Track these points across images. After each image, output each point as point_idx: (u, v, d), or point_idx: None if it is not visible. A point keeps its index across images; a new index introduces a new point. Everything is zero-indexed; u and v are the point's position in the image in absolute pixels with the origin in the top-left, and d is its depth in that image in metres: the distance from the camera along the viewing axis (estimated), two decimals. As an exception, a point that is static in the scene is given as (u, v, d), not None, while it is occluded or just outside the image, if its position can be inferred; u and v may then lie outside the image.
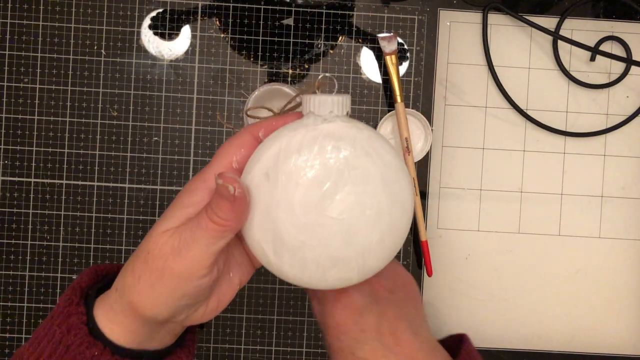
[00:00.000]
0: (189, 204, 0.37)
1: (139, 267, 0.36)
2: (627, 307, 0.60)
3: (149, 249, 0.36)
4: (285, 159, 0.34)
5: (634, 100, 0.60)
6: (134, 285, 0.36)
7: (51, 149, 0.58)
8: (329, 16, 0.58)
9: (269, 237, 0.35)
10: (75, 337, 0.36)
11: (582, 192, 0.60)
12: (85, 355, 0.36)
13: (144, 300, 0.36)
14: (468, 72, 0.59)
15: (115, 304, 0.37)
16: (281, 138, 0.35)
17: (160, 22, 0.58)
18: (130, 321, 0.37)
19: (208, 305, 0.38)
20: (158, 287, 0.35)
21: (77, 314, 0.37)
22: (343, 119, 0.36)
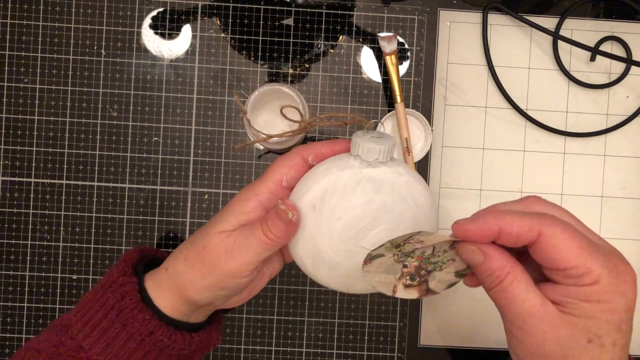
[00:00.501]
0: (242, 212, 0.42)
1: (193, 257, 0.42)
2: (627, 307, 0.60)
3: (204, 245, 0.42)
4: (331, 196, 0.39)
5: (634, 100, 0.60)
6: (185, 272, 0.42)
7: (51, 149, 0.58)
8: (329, 16, 0.58)
9: (310, 254, 0.41)
10: (129, 301, 0.42)
11: (582, 192, 0.60)
12: (137, 318, 0.42)
13: (192, 286, 0.42)
14: (468, 72, 0.59)
15: (165, 282, 0.44)
16: (329, 175, 0.40)
17: (160, 22, 0.58)
18: (175, 299, 0.43)
19: (241, 295, 0.45)
20: (207, 279, 0.42)
21: (131, 283, 0.43)
22: (387, 164, 0.40)
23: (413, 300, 0.59)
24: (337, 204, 0.39)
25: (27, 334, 0.58)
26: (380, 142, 0.39)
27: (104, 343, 0.42)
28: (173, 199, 0.58)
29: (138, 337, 0.42)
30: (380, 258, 0.38)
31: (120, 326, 0.42)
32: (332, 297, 0.59)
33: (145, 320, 0.42)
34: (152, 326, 0.42)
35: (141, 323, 0.42)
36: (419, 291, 0.40)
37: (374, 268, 0.39)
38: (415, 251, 0.38)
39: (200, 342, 0.45)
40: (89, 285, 0.58)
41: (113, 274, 0.44)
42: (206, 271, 0.42)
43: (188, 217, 0.58)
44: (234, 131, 0.58)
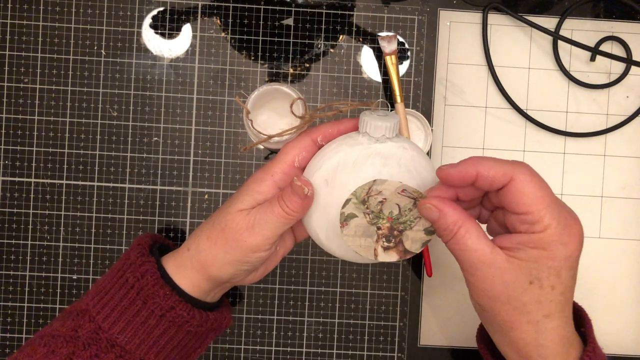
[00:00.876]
0: (258, 192, 0.44)
1: (216, 235, 0.44)
2: (627, 307, 0.60)
3: (226, 222, 0.44)
4: (342, 171, 0.42)
5: (634, 100, 0.60)
6: (209, 248, 0.45)
7: (51, 149, 0.58)
8: (329, 16, 0.58)
9: (323, 227, 0.44)
10: (150, 278, 0.44)
11: (582, 192, 0.60)
12: (158, 294, 0.44)
13: (215, 261, 0.44)
14: (468, 72, 0.59)
15: (187, 261, 0.46)
16: (340, 152, 0.43)
17: (160, 22, 0.58)
18: (197, 277, 0.45)
19: (257, 272, 0.48)
20: (231, 254, 0.44)
21: (150, 262, 0.45)
22: (393, 140, 0.43)
23: (411, 296, 0.59)
24: (348, 177, 0.42)
25: (27, 334, 0.58)
26: (386, 120, 0.42)
27: (124, 321, 0.44)
28: (173, 199, 0.58)
29: (159, 312, 0.44)
30: (355, 219, 0.42)
31: (140, 303, 0.44)
32: (332, 297, 0.59)
33: (166, 295, 0.44)
34: (172, 301, 0.44)
35: (162, 298, 0.44)
36: (397, 253, 0.44)
37: (352, 231, 0.43)
38: (384, 210, 0.42)
39: (215, 321, 0.47)
40: (89, 285, 0.58)
41: (130, 257, 0.46)
42: (229, 247, 0.44)
43: (188, 217, 0.58)
44: (234, 131, 0.58)
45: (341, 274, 0.59)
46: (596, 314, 0.60)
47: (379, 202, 0.42)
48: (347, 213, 0.42)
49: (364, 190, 0.42)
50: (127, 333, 0.44)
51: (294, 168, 0.44)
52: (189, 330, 0.45)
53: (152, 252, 0.48)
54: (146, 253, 0.46)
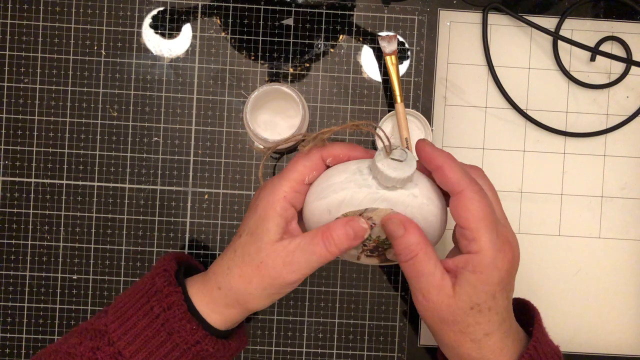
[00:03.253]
0: (279, 216, 0.43)
1: (250, 272, 0.43)
2: (627, 307, 0.60)
3: (261, 260, 0.43)
4: (346, 207, 0.42)
5: (634, 100, 0.60)
6: (245, 288, 0.44)
7: (51, 149, 0.58)
8: (329, 16, 0.58)
9: None
10: (177, 311, 0.43)
11: (582, 192, 0.60)
12: (185, 328, 0.43)
13: (254, 299, 0.44)
14: (468, 72, 0.59)
15: (221, 300, 0.45)
16: (347, 189, 0.42)
17: (160, 22, 0.58)
18: (233, 312, 0.45)
19: None
20: (268, 290, 0.43)
21: (177, 293, 0.44)
22: (405, 186, 0.42)
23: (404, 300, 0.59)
24: (352, 214, 0.42)
25: (27, 334, 0.58)
26: (400, 170, 0.41)
27: (146, 352, 0.43)
28: (173, 199, 0.58)
29: (184, 346, 0.43)
30: None
31: (165, 335, 0.43)
32: (332, 297, 0.59)
33: (193, 330, 0.43)
34: (199, 336, 0.43)
35: (188, 332, 0.43)
36: (379, 259, 0.45)
37: None
38: (372, 234, 0.43)
39: (237, 348, 0.47)
40: (89, 285, 0.58)
41: (156, 283, 0.45)
42: (267, 284, 0.43)
43: (188, 217, 0.58)
44: (234, 131, 0.58)
45: (341, 274, 0.59)
46: (596, 314, 0.60)
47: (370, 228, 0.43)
48: None
49: (355, 213, 0.42)
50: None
51: (304, 186, 0.44)
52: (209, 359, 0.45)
53: (178, 278, 0.46)
54: (173, 282, 0.45)
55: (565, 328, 0.60)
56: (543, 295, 0.60)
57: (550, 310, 0.60)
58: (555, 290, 0.60)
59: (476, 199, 0.41)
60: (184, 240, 0.58)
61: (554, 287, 0.60)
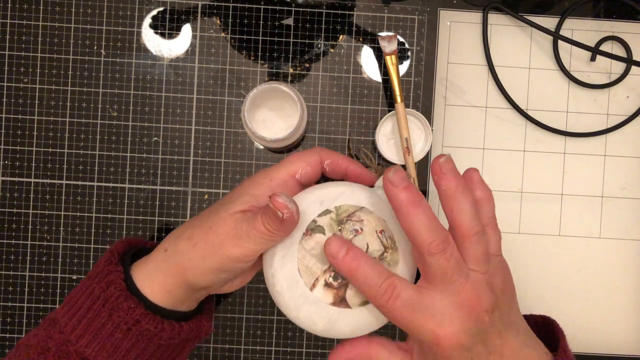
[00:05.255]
0: (252, 195, 0.42)
1: (198, 236, 0.41)
2: (627, 307, 0.60)
3: (211, 224, 0.41)
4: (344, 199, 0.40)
5: (634, 100, 0.60)
6: (187, 251, 0.42)
7: (51, 149, 0.58)
8: (329, 16, 0.58)
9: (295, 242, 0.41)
10: (114, 289, 0.41)
11: (582, 192, 0.60)
12: (122, 306, 0.41)
13: (192, 266, 0.41)
14: (468, 72, 0.59)
15: (162, 263, 0.43)
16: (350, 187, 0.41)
17: (160, 22, 0.58)
18: (171, 282, 0.42)
19: (234, 282, 0.46)
20: (209, 260, 0.41)
21: (116, 272, 0.42)
22: None
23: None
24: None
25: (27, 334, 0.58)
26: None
27: (91, 334, 0.41)
28: (173, 199, 0.58)
29: (124, 326, 0.41)
30: (319, 235, 0.40)
31: (106, 316, 0.41)
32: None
33: (130, 308, 0.41)
34: (137, 315, 0.41)
35: (126, 311, 0.41)
36: (333, 296, 0.40)
37: (310, 246, 0.40)
38: (353, 241, 0.40)
39: (190, 331, 0.44)
40: (89, 285, 0.58)
41: (99, 265, 0.44)
42: (208, 252, 0.41)
43: (188, 217, 0.58)
44: (234, 131, 0.58)
45: (341, 274, 0.59)
46: (596, 314, 0.60)
47: (353, 231, 0.40)
48: (318, 224, 0.40)
49: (348, 210, 0.40)
50: (94, 346, 0.41)
51: (294, 180, 0.43)
52: (160, 343, 0.43)
53: (124, 259, 0.45)
54: (115, 261, 0.43)
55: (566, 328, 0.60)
56: (543, 295, 0.60)
57: (551, 310, 0.60)
58: (555, 290, 0.60)
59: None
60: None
61: (554, 287, 0.60)
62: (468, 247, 0.39)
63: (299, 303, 0.40)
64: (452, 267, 0.38)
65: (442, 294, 0.38)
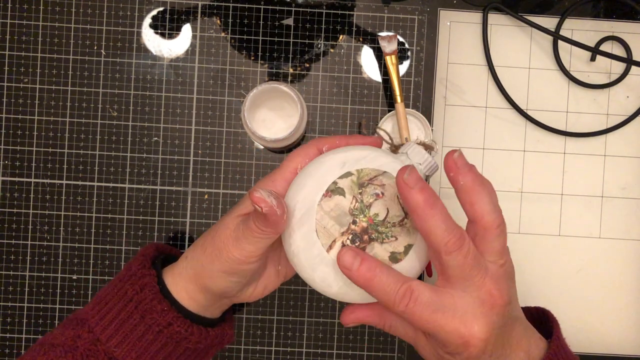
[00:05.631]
0: (249, 203, 0.43)
1: (208, 241, 0.43)
2: (627, 307, 0.60)
3: (217, 229, 0.43)
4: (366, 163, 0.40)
5: (634, 100, 0.60)
6: (200, 257, 0.43)
7: (51, 149, 0.58)
8: (329, 16, 0.58)
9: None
10: (149, 292, 0.43)
11: (582, 192, 0.60)
12: (155, 309, 0.43)
13: (204, 270, 0.43)
14: (468, 72, 0.59)
15: (184, 270, 0.45)
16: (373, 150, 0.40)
17: (160, 22, 0.58)
18: (192, 288, 0.44)
19: (256, 289, 0.46)
20: (216, 263, 0.42)
21: (150, 275, 0.44)
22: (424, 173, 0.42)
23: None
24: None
25: (27, 334, 0.58)
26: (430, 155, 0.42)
27: (121, 335, 0.43)
28: (173, 199, 0.58)
29: (156, 328, 0.43)
30: (339, 198, 0.39)
31: (138, 317, 0.43)
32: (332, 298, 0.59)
33: (164, 311, 0.43)
34: (170, 317, 0.43)
35: (159, 314, 0.43)
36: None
37: (329, 207, 0.39)
38: (372, 208, 0.39)
39: (215, 337, 0.46)
40: (89, 285, 0.58)
41: (132, 268, 0.45)
42: (214, 256, 0.42)
43: (188, 217, 0.58)
44: (234, 131, 0.58)
45: (341, 274, 0.59)
46: (596, 314, 0.60)
47: (374, 195, 0.39)
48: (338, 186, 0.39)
49: (369, 174, 0.39)
50: (124, 347, 0.43)
51: (295, 175, 0.43)
52: (188, 347, 0.44)
53: (155, 264, 0.46)
54: (148, 265, 0.45)
55: (566, 328, 0.60)
56: (543, 295, 0.60)
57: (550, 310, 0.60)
58: (555, 290, 0.60)
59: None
60: (184, 240, 0.58)
61: (554, 287, 0.60)
62: (490, 239, 0.39)
63: (314, 264, 0.40)
64: (470, 263, 0.37)
65: (463, 292, 0.38)
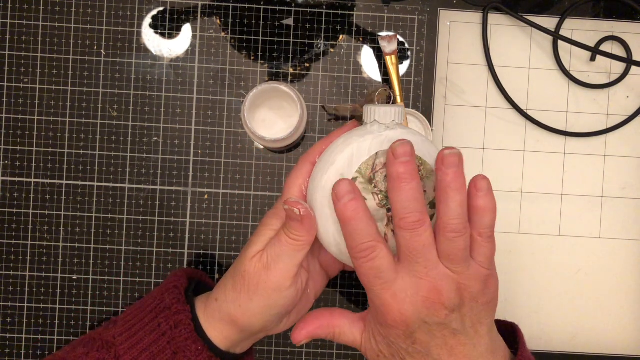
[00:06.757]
0: (269, 229, 0.43)
1: (239, 284, 0.43)
2: (627, 307, 0.60)
3: (244, 269, 0.42)
4: (357, 160, 0.40)
5: (634, 100, 0.60)
6: (235, 299, 0.43)
7: (51, 149, 0.58)
8: (329, 16, 0.58)
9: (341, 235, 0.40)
10: (184, 331, 0.43)
11: (582, 192, 0.60)
12: (190, 348, 0.42)
13: (243, 312, 0.42)
14: (468, 72, 0.59)
15: (216, 313, 0.44)
16: (352, 144, 0.40)
17: (160, 22, 0.58)
18: (227, 329, 0.44)
19: (290, 318, 0.46)
20: (255, 300, 0.42)
21: (185, 312, 0.43)
22: (402, 126, 0.42)
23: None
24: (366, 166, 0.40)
25: (27, 334, 0.58)
26: (394, 106, 0.42)
27: None
28: (173, 199, 0.58)
29: None
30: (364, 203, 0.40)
31: (171, 354, 0.43)
32: (332, 298, 0.59)
33: (198, 350, 0.43)
34: (203, 358, 0.43)
35: (194, 353, 0.42)
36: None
37: None
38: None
39: None
40: (89, 285, 0.58)
41: (165, 299, 0.44)
42: (252, 292, 0.42)
43: (188, 217, 0.58)
44: (234, 131, 0.58)
45: (341, 273, 0.59)
46: (596, 314, 0.60)
47: (385, 177, 0.40)
48: None
49: (368, 167, 0.40)
50: None
51: (303, 197, 0.43)
52: None
53: (188, 295, 0.46)
54: (182, 300, 0.44)
55: (565, 328, 0.60)
56: (543, 295, 0.60)
57: (551, 310, 0.60)
58: (555, 290, 0.60)
59: None
60: (184, 240, 0.58)
61: (554, 287, 0.60)
62: (442, 240, 0.39)
63: None
64: (418, 249, 0.38)
65: (406, 273, 0.39)
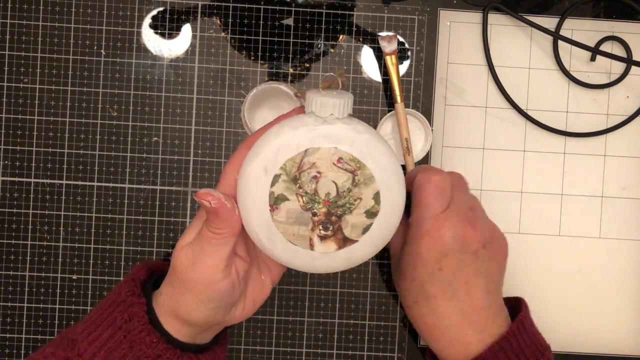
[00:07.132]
0: (201, 221, 0.42)
1: (172, 277, 0.42)
2: (627, 307, 0.60)
3: (174, 263, 0.42)
4: (284, 155, 0.36)
5: (634, 100, 0.60)
6: (172, 293, 0.42)
7: (51, 149, 0.58)
8: (329, 16, 0.58)
9: (264, 225, 0.38)
10: (137, 324, 0.42)
11: (582, 192, 0.60)
12: (144, 340, 0.42)
13: (180, 306, 0.42)
14: (468, 72, 0.59)
15: (163, 307, 0.43)
16: (282, 135, 0.37)
17: (160, 22, 0.58)
18: (174, 322, 0.43)
19: (245, 306, 0.45)
20: (188, 295, 0.41)
21: (139, 304, 0.43)
22: (344, 120, 0.37)
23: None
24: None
25: (27, 334, 0.58)
26: (336, 97, 0.37)
27: None
28: (173, 199, 0.58)
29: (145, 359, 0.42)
30: (286, 203, 0.37)
31: (127, 347, 0.42)
32: (332, 298, 0.59)
33: (153, 343, 0.42)
34: (159, 349, 0.42)
35: (148, 345, 0.42)
36: (336, 242, 0.39)
37: (284, 217, 0.38)
38: (319, 191, 0.37)
39: None
40: (89, 285, 0.58)
41: (121, 293, 0.44)
42: (184, 287, 0.41)
43: (188, 217, 0.58)
44: (234, 131, 0.58)
45: (341, 274, 0.59)
46: (596, 314, 0.60)
47: (312, 178, 0.37)
48: (277, 194, 0.37)
49: (294, 164, 0.36)
50: None
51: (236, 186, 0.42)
52: None
53: (146, 288, 0.45)
54: (137, 291, 0.44)
55: (565, 328, 0.60)
56: (543, 295, 0.60)
57: (551, 311, 0.60)
58: (556, 290, 0.60)
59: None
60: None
61: (554, 287, 0.60)
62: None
63: (311, 262, 0.40)
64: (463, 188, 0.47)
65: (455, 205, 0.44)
